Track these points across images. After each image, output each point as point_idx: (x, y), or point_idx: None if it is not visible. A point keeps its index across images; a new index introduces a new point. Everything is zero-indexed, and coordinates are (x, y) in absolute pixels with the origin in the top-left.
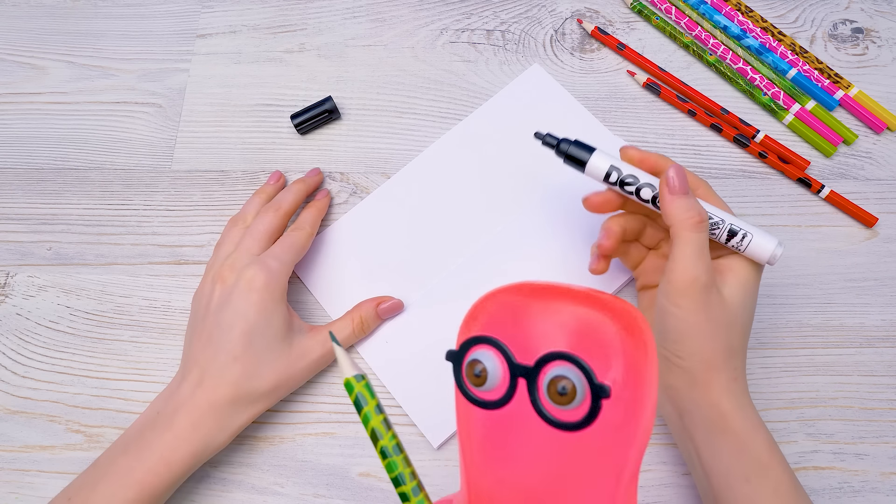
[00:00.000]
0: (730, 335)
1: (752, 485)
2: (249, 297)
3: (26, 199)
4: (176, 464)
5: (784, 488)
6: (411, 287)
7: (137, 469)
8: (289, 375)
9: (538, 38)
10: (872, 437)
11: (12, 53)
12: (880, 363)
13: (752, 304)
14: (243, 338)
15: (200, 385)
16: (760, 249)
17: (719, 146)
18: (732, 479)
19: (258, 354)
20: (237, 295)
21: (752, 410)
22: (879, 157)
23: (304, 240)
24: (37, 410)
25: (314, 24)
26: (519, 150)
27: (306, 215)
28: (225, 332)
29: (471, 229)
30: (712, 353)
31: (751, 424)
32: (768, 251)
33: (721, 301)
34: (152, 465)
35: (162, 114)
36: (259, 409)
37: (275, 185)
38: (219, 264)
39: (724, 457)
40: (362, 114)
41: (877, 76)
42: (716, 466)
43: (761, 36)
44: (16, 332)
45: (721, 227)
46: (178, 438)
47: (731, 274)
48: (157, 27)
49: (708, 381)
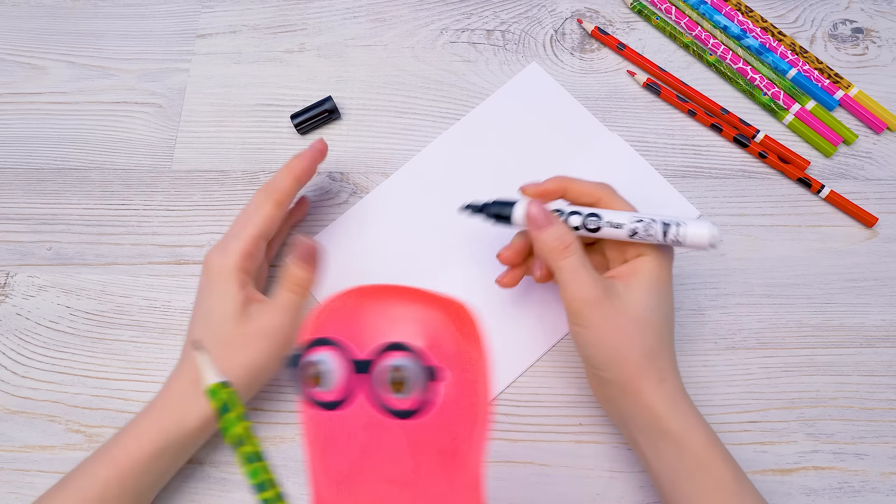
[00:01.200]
0: (644, 339)
1: (694, 483)
2: (204, 279)
3: (26, 199)
4: (143, 441)
5: (726, 483)
6: (410, 284)
7: (112, 447)
8: (245, 354)
9: (538, 38)
10: (872, 437)
11: (12, 53)
12: (880, 363)
13: (664, 303)
14: (201, 322)
15: (177, 370)
16: (697, 236)
17: (719, 146)
18: (676, 479)
19: (214, 336)
20: (200, 280)
21: (689, 409)
22: (879, 157)
23: (266, 209)
24: (37, 410)
25: (314, 24)
26: (517, 148)
27: (277, 180)
28: (192, 319)
29: (469, 227)
30: (630, 361)
31: (687, 424)
32: (706, 236)
33: (623, 308)
34: (124, 443)
35: (162, 114)
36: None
37: (310, 154)
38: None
39: (667, 458)
40: (362, 114)
41: (877, 76)
42: (661, 468)
43: (761, 36)
44: (16, 332)
45: (654, 226)
46: (149, 418)
47: (635, 277)
48: (157, 27)
49: (636, 387)
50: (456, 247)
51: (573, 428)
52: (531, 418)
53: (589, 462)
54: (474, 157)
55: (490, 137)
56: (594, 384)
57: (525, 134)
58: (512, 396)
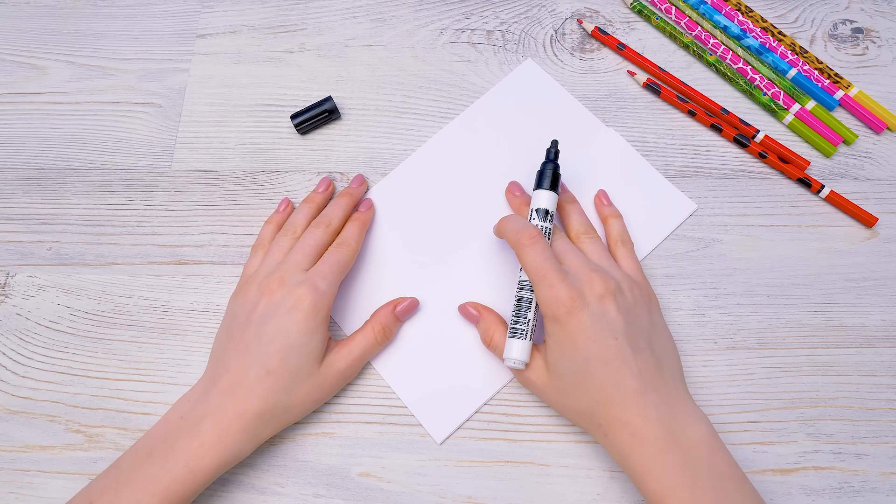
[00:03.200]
0: (570, 399)
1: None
2: (294, 315)
3: (26, 199)
4: (201, 473)
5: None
6: (408, 284)
7: (163, 478)
8: (318, 392)
9: (538, 38)
10: (872, 437)
11: (12, 53)
12: (880, 363)
13: (580, 352)
14: (281, 354)
15: (231, 395)
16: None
17: (719, 146)
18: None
19: (292, 371)
20: (283, 312)
21: (639, 458)
22: (879, 157)
23: (349, 257)
24: (37, 410)
25: (314, 24)
26: (514, 144)
27: (351, 230)
28: (264, 345)
29: (467, 225)
30: (573, 417)
31: (633, 474)
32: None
33: (547, 375)
34: (177, 474)
35: (162, 114)
36: (284, 424)
37: (324, 192)
38: (265, 274)
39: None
40: (362, 114)
41: (877, 76)
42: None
43: (761, 36)
44: (16, 332)
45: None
46: (203, 448)
47: (545, 344)
48: (157, 27)
49: (592, 434)
50: (455, 244)
51: (573, 428)
52: (531, 418)
53: (589, 462)
54: (472, 155)
55: (488, 134)
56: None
57: (522, 130)
58: (512, 396)
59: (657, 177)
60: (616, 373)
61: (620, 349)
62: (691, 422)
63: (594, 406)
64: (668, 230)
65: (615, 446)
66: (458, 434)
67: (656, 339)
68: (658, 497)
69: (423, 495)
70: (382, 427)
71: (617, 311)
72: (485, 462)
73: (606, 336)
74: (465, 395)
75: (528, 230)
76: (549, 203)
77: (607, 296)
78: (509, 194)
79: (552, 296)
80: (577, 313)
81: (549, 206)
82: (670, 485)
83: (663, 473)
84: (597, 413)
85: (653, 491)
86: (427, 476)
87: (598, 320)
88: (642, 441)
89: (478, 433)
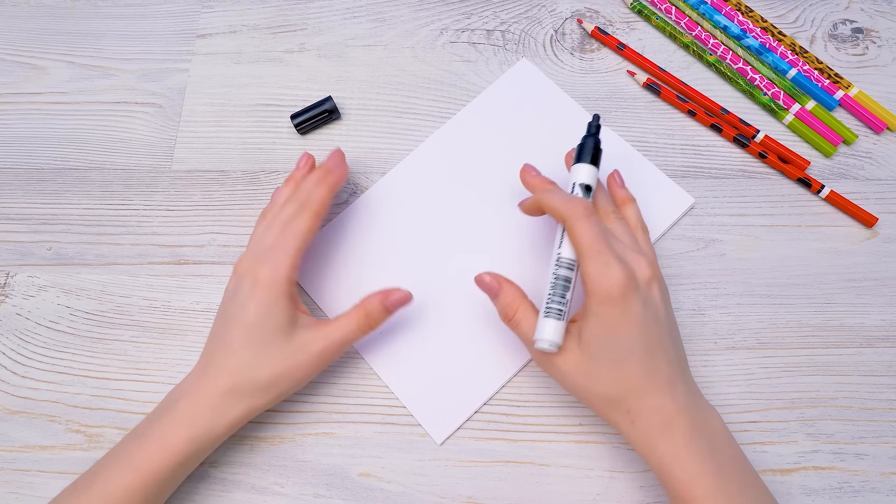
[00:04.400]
0: (602, 382)
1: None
2: (254, 291)
3: (26, 199)
4: (171, 448)
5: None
6: (407, 282)
7: (135, 453)
8: (287, 369)
9: (538, 38)
10: (872, 437)
11: (12, 53)
12: (880, 363)
13: (623, 340)
14: (241, 329)
15: (204, 374)
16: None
17: (719, 146)
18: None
19: (256, 347)
20: (244, 289)
21: (667, 445)
22: (879, 157)
23: (307, 224)
24: (37, 410)
25: (314, 24)
26: (511, 143)
27: (312, 193)
28: (228, 323)
29: (465, 223)
30: (596, 402)
31: (661, 463)
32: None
33: (581, 350)
34: (149, 449)
35: (162, 114)
36: (258, 403)
37: (303, 168)
38: (240, 258)
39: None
40: (362, 114)
41: (877, 76)
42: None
43: (761, 36)
44: (16, 332)
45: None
46: (175, 424)
47: (585, 320)
48: (157, 27)
49: (613, 421)
50: (455, 242)
51: (573, 428)
52: (531, 418)
53: (589, 462)
54: (468, 154)
55: (485, 132)
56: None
57: (518, 129)
58: (512, 396)
59: (654, 171)
60: (654, 360)
61: (661, 337)
62: (710, 412)
63: (626, 392)
64: (667, 225)
65: (641, 434)
66: (458, 434)
67: (676, 329)
68: (685, 485)
69: (423, 495)
70: (382, 427)
71: (660, 298)
72: (485, 462)
73: (651, 323)
74: (465, 395)
75: (580, 201)
76: (591, 178)
77: (654, 280)
78: (527, 174)
79: (606, 274)
80: (631, 296)
81: (590, 182)
82: (697, 471)
83: (691, 461)
84: (628, 399)
85: (679, 479)
86: (427, 476)
87: (647, 306)
88: (671, 428)
89: (478, 433)
